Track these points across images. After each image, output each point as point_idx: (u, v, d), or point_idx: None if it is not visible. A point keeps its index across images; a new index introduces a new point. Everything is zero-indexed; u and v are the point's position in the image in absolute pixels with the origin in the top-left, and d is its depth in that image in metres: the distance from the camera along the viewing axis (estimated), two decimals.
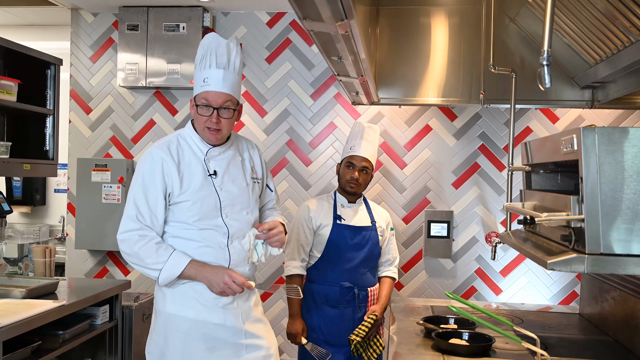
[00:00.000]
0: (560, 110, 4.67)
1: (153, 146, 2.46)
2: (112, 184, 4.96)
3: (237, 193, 2.47)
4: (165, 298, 2.45)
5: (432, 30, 4.02)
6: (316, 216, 3.22)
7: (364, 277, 3.25)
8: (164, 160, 2.38)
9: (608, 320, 2.70)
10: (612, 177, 1.72)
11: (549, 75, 1.61)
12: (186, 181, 2.38)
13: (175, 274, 2.34)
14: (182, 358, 2.41)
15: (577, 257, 1.73)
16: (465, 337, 2.49)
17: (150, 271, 2.37)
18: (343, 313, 3.20)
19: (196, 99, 2.42)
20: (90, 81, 5.18)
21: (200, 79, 2.40)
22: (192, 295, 2.42)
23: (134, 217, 2.37)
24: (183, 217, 2.39)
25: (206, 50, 2.39)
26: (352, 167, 3.22)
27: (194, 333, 2.41)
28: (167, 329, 2.44)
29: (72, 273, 5.16)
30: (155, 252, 2.34)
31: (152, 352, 2.50)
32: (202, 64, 2.39)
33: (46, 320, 2.80)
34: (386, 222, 3.39)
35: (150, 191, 2.37)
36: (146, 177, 2.39)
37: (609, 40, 2.79)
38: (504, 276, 4.78)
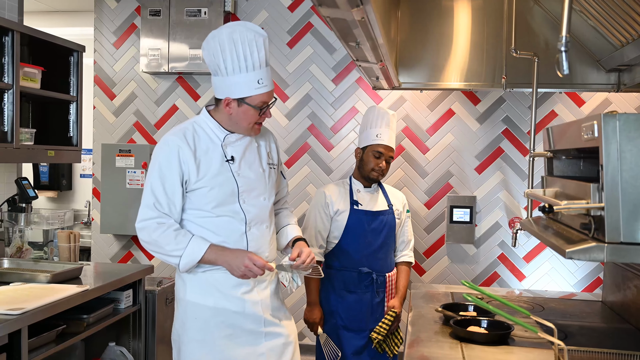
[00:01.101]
0: (586, 94, 4.58)
1: (169, 133, 2.46)
2: (135, 169, 5.02)
3: (254, 178, 2.47)
4: (185, 286, 2.47)
5: (455, 13, 3.97)
6: (333, 202, 3.21)
7: (382, 262, 3.24)
8: (180, 148, 2.37)
9: (630, 308, 2.66)
10: (633, 164, 1.67)
11: (567, 61, 1.57)
12: (203, 167, 2.38)
13: (195, 260, 2.35)
14: (201, 346, 2.43)
15: (596, 245, 1.70)
16: (484, 324, 2.47)
17: (171, 258, 2.38)
18: (361, 298, 3.20)
19: (249, 101, 2.34)
20: (114, 67, 5.23)
21: (252, 80, 2.30)
22: (211, 283, 2.43)
23: (151, 205, 2.38)
24: (200, 204, 2.40)
25: (248, 46, 2.28)
26: (380, 156, 3.19)
27: (213, 321, 2.42)
28: (186, 316, 2.46)
29: (98, 257, 5.25)
30: (174, 238, 2.35)
31: (175, 340, 2.53)
32: (247, 63, 2.28)
33: (70, 305, 2.85)
34: (402, 204, 3.36)
35: (168, 179, 2.37)
36: (163, 164, 2.39)
37: (635, 22, 2.72)
38: (527, 262, 4.73)
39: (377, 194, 3.31)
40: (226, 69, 2.30)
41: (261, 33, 2.30)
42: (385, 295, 3.25)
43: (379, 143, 3.18)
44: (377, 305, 3.22)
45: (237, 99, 2.34)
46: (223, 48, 2.28)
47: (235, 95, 2.33)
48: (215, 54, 2.30)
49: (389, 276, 3.26)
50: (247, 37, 2.27)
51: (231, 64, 2.29)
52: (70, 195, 6.52)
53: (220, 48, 2.28)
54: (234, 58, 2.28)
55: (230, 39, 2.27)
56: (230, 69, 2.29)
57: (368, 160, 3.21)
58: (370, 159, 3.20)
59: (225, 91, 2.35)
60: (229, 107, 2.37)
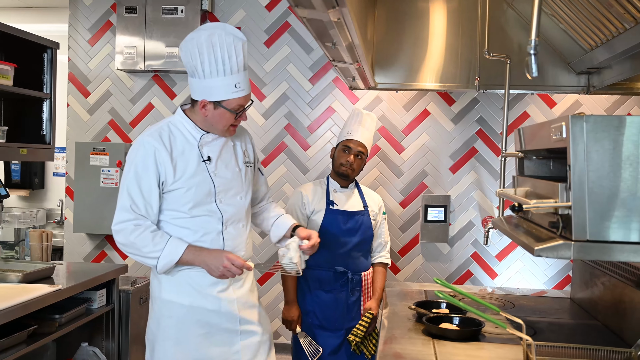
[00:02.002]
0: (557, 96, 4.67)
1: (144, 134, 2.43)
2: (110, 168, 4.98)
3: (231, 178, 2.48)
4: (160, 284, 2.47)
5: (430, 15, 4.01)
6: (309, 202, 3.23)
7: (358, 262, 3.27)
8: (156, 149, 2.35)
9: (598, 305, 2.73)
10: (600, 165, 1.72)
11: (536, 64, 1.61)
12: (180, 168, 2.37)
13: (173, 261, 2.35)
14: (175, 344, 2.43)
15: (563, 243, 1.74)
16: (455, 321, 2.51)
17: (148, 260, 2.37)
18: (337, 297, 3.22)
19: (226, 104, 2.33)
20: (89, 64, 5.18)
21: (229, 84, 2.30)
22: (187, 282, 2.43)
23: (128, 207, 2.36)
24: (177, 205, 2.39)
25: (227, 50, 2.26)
26: (348, 150, 3.22)
27: (189, 319, 2.42)
28: (161, 315, 2.46)
29: (71, 256, 5.20)
30: (151, 240, 2.34)
31: (149, 339, 2.52)
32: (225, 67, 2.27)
33: (42, 305, 2.82)
34: (378, 206, 3.40)
35: (144, 180, 2.36)
36: (139, 166, 2.36)
37: (604, 26, 2.79)
38: (500, 260, 4.81)
39: (353, 195, 3.33)
40: (203, 72, 2.29)
41: (240, 37, 2.29)
42: (361, 294, 3.28)
43: (348, 138, 3.23)
44: (353, 305, 3.25)
45: (214, 102, 2.34)
46: (201, 51, 2.26)
47: (212, 98, 2.33)
48: (193, 56, 2.28)
49: (365, 275, 3.29)
50: (226, 40, 2.26)
51: (209, 67, 2.27)
52: (42, 194, 6.44)
53: (198, 51, 2.26)
54: (212, 61, 2.26)
55: (209, 42, 2.25)
56: (208, 72, 2.28)
57: (338, 156, 3.25)
58: (340, 154, 3.24)
59: (202, 93, 2.34)
60: (205, 109, 2.36)
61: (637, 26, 2.48)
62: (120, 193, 2.41)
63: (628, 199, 1.69)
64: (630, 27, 2.55)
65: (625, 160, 1.70)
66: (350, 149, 3.22)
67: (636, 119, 1.69)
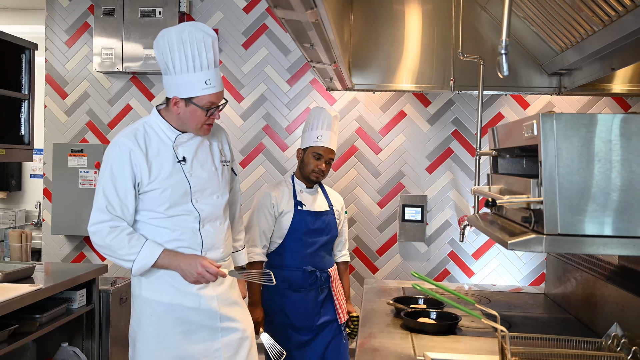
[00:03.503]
0: (530, 97, 4.77)
1: (119, 135, 2.44)
2: (88, 169, 4.97)
3: (207, 178, 2.49)
4: (140, 283, 2.48)
5: (406, 17, 4.08)
6: (278, 203, 3.24)
7: (324, 260, 3.33)
8: (131, 150, 2.37)
9: (570, 300, 2.81)
10: (569, 161, 1.78)
11: (506, 63, 1.67)
12: (155, 169, 2.39)
13: (148, 264, 2.37)
14: (156, 341, 2.45)
15: (535, 237, 1.80)
16: (433, 316, 2.58)
17: (124, 262, 2.39)
18: (306, 296, 3.26)
19: (196, 101, 2.35)
20: (66, 66, 5.17)
21: (199, 81, 2.31)
22: (166, 280, 2.45)
23: (104, 208, 2.37)
24: (153, 206, 2.41)
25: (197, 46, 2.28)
26: (320, 158, 3.26)
27: (169, 317, 2.44)
28: (142, 312, 2.48)
29: (49, 258, 5.16)
30: (127, 243, 2.35)
31: (131, 337, 2.54)
32: (195, 63, 2.29)
33: (22, 304, 2.82)
34: (341, 205, 3.47)
35: (120, 181, 2.37)
36: (114, 167, 2.38)
37: (573, 29, 2.88)
38: (476, 259, 4.89)
39: (318, 195, 3.39)
40: (174, 68, 2.31)
41: (210, 34, 2.32)
42: (331, 290, 3.33)
43: (319, 145, 3.25)
44: (323, 302, 3.30)
45: (185, 99, 2.36)
46: (172, 47, 2.29)
47: (183, 94, 2.35)
48: (164, 53, 2.32)
49: (331, 271, 3.34)
50: (195, 36, 2.28)
51: (179, 63, 2.30)
52: (19, 196, 6.39)
53: (169, 47, 2.30)
54: (182, 57, 2.29)
55: (180, 38, 2.28)
56: (179, 68, 2.31)
57: (308, 162, 3.27)
58: (311, 160, 3.26)
59: (174, 90, 2.36)
60: (177, 106, 2.39)
61: (606, 28, 2.57)
62: (96, 194, 2.42)
63: (597, 193, 1.75)
64: (599, 30, 2.64)
65: (593, 157, 1.77)
66: (322, 156, 3.25)
67: (606, 116, 1.76)
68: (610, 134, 1.75)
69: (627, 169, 1.73)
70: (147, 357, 2.47)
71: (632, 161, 1.73)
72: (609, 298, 2.35)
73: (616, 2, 2.31)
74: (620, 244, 1.74)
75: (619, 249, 1.76)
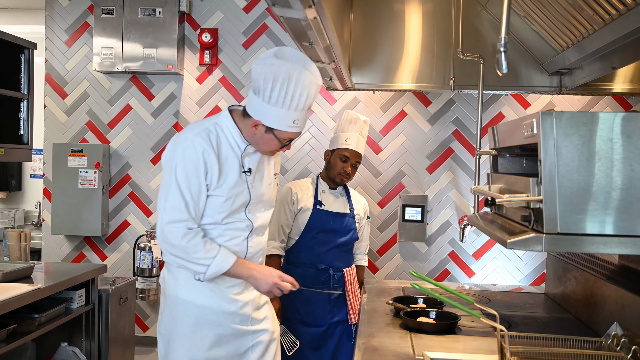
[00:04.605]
0: (531, 97, 4.76)
1: (191, 133, 2.34)
2: (88, 169, 4.97)
3: (264, 191, 2.48)
4: (177, 283, 2.43)
5: (406, 16, 4.07)
6: (298, 200, 3.27)
7: (339, 260, 3.32)
8: (205, 150, 2.29)
9: (570, 299, 2.80)
10: (569, 159, 1.77)
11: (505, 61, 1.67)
12: (223, 175, 2.33)
13: (222, 270, 2.32)
14: (190, 343, 2.41)
15: (535, 236, 1.79)
16: (432, 315, 2.57)
17: (196, 266, 2.32)
18: (319, 293, 3.27)
19: (277, 133, 2.30)
20: (66, 66, 5.16)
21: (289, 118, 2.25)
22: (204, 284, 2.40)
23: (180, 207, 2.29)
24: (211, 212, 2.35)
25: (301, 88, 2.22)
26: (346, 160, 3.27)
27: (204, 319, 2.41)
28: (177, 313, 2.44)
29: (49, 258, 5.16)
30: (203, 247, 2.30)
31: (163, 334, 2.50)
32: (292, 102, 2.23)
33: (21, 304, 2.82)
34: (364, 210, 3.47)
35: (193, 181, 2.29)
36: (188, 166, 2.29)
37: (574, 28, 2.87)
38: (477, 259, 4.88)
39: (341, 197, 3.39)
40: (269, 98, 2.23)
41: (318, 82, 2.27)
42: (345, 290, 3.32)
43: (346, 147, 3.26)
44: (336, 300, 3.29)
45: (267, 127, 2.29)
46: (277, 78, 2.20)
47: (267, 123, 2.27)
48: (265, 80, 2.22)
49: (347, 271, 3.33)
50: (303, 79, 2.21)
51: (277, 96, 2.22)
52: (19, 196, 6.39)
53: (274, 77, 2.20)
54: (282, 92, 2.21)
55: (288, 74, 2.19)
56: (274, 100, 2.23)
57: (335, 164, 3.28)
58: (337, 162, 3.27)
59: (260, 115, 2.28)
60: (256, 128, 2.32)
61: (606, 27, 2.56)
62: (166, 191, 2.31)
63: (597, 192, 1.75)
64: (600, 28, 2.63)
65: (593, 155, 1.76)
66: (348, 159, 3.26)
67: (606, 115, 1.75)
68: (610, 133, 1.74)
69: (628, 168, 1.72)
70: (179, 357, 2.44)
71: (632, 160, 1.72)
72: (609, 297, 2.34)
73: (617, 1, 2.30)
74: (620, 243, 1.73)
75: (619, 248, 1.75)
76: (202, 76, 5.04)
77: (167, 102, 5.09)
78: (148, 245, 4.88)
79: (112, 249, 5.16)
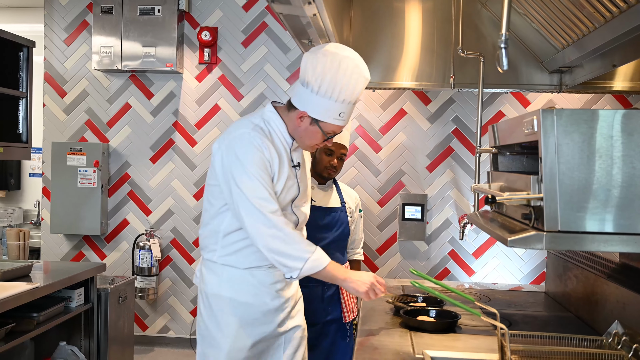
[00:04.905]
0: (531, 95, 4.75)
1: (244, 129, 2.31)
2: (87, 168, 4.96)
3: (306, 186, 2.49)
4: (220, 280, 2.40)
5: (406, 14, 4.06)
6: None
7: (334, 257, 3.28)
8: (264, 143, 2.28)
9: (571, 298, 2.79)
10: (570, 157, 1.77)
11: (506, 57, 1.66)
12: (280, 169, 2.33)
13: (320, 266, 2.28)
14: (233, 343, 2.38)
15: (535, 234, 1.78)
16: (432, 314, 2.55)
17: (293, 259, 2.25)
18: (312, 292, 3.24)
19: (322, 125, 2.29)
20: (65, 64, 5.15)
21: (335, 110, 2.25)
22: (249, 281, 2.38)
23: (270, 199, 2.25)
24: None
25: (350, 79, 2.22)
26: (331, 154, 3.24)
27: (249, 317, 2.39)
28: (221, 312, 2.40)
29: (48, 257, 5.15)
30: (301, 239, 2.28)
31: (203, 335, 2.46)
32: (341, 93, 2.22)
33: (20, 302, 2.81)
34: (355, 203, 3.43)
35: (266, 174, 2.27)
36: (256, 162, 2.26)
37: (574, 25, 2.86)
38: (477, 258, 4.87)
39: (331, 191, 3.36)
40: (319, 88, 2.23)
41: (366, 77, 2.27)
42: (339, 288, 3.30)
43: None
44: (330, 298, 3.27)
45: (313, 118, 2.29)
46: (328, 69, 2.21)
47: (314, 114, 2.27)
48: (315, 70, 2.22)
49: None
50: (354, 71, 2.22)
51: (326, 87, 2.22)
52: (18, 195, 6.37)
53: (325, 67, 2.21)
54: (332, 83, 2.21)
55: (338, 65, 2.21)
56: (323, 91, 2.23)
57: (320, 159, 3.26)
58: (322, 156, 3.25)
59: (306, 106, 2.28)
60: (301, 120, 2.31)
61: (607, 25, 2.55)
62: (247, 184, 2.25)
63: (598, 190, 1.74)
64: (600, 26, 2.62)
65: (594, 152, 1.75)
66: (333, 152, 3.24)
67: (607, 112, 1.74)
68: (611, 130, 1.73)
69: (629, 165, 1.72)
70: (221, 357, 2.40)
71: (633, 157, 1.71)
72: (610, 296, 2.33)
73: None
74: (621, 240, 1.73)
75: (620, 246, 1.74)
76: (202, 75, 5.03)
77: (166, 101, 5.08)
78: (147, 244, 4.87)
79: (112, 248, 5.16)
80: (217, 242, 2.40)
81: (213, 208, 2.40)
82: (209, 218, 2.43)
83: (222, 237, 2.38)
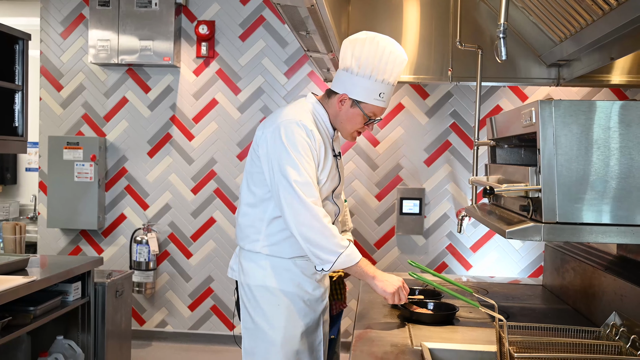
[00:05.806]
0: (529, 89, 4.75)
1: (291, 116, 2.31)
2: (84, 162, 4.94)
3: (343, 176, 2.53)
4: (265, 272, 2.38)
5: (404, 7, 4.04)
6: None
7: None
8: (312, 131, 2.28)
9: (568, 290, 2.79)
10: (568, 148, 1.76)
11: (505, 47, 1.65)
12: (325, 159, 2.34)
13: (353, 261, 2.27)
14: (285, 333, 2.37)
15: (534, 226, 1.78)
16: (430, 306, 2.55)
17: (327, 253, 2.23)
18: None
19: (363, 107, 2.32)
20: (61, 58, 5.13)
21: (375, 90, 2.29)
22: (292, 270, 2.38)
23: (314, 186, 2.24)
24: None
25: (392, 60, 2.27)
26: None
27: (297, 307, 2.39)
28: (267, 303, 2.38)
29: (45, 252, 5.14)
30: (337, 233, 2.26)
31: (249, 328, 2.44)
32: (381, 73, 2.27)
33: (16, 296, 2.80)
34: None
35: (309, 161, 2.27)
36: (301, 147, 2.25)
37: (572, 18, 2.85)
38: (474, 252, 4.87)
39: None
40: (360, 68, 2.27)
41: (404, 58, 2.32)
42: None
43: None
44: None
45: (353, 100, 2.32)
46: (368, 49, 2.26)
47: (354, 95, 2.31)
48: (355, 50, 2.28)
49: None
50: (394, 51, 2.28)
51: (368, 66, 2.26)
52: (15, 190, 6.36)
53: (365, 47, 2.26)
54: (374, 63, 2.26)
55: (379, 45, 2.26)
56: (363, 70, 2.27)
57: None
58: None
59: (347, 87, 2.32)
60: (342, 103, 2.34)
61: (605, 17, 2.54)
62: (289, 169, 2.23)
63: (596, 181, 1.74)
64: (598, 19, 2.61)
65: (592, 144, 1.75)
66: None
67: (605, 103, 1.74)
68: (609, 121, 1.73)
69: (627, 156, 1.72)
70: (273, 351, 2.38)
71: (631, 148, 1.71)
72: (608, 288, 2.33)
73: None
74: (619, 232, 1.73)
75: (618, 238, 1.74)
76: (199, 69, 5.02)
77: (163, 95, 5.06)
78: (145, 239, 4.86)
79: (109, 242, 5.15)
80: (260, 232, 2.37)
81: (254, 196, 2.38)
82: (249, 207, 2.40)
83: (267, 225, 2.36)
